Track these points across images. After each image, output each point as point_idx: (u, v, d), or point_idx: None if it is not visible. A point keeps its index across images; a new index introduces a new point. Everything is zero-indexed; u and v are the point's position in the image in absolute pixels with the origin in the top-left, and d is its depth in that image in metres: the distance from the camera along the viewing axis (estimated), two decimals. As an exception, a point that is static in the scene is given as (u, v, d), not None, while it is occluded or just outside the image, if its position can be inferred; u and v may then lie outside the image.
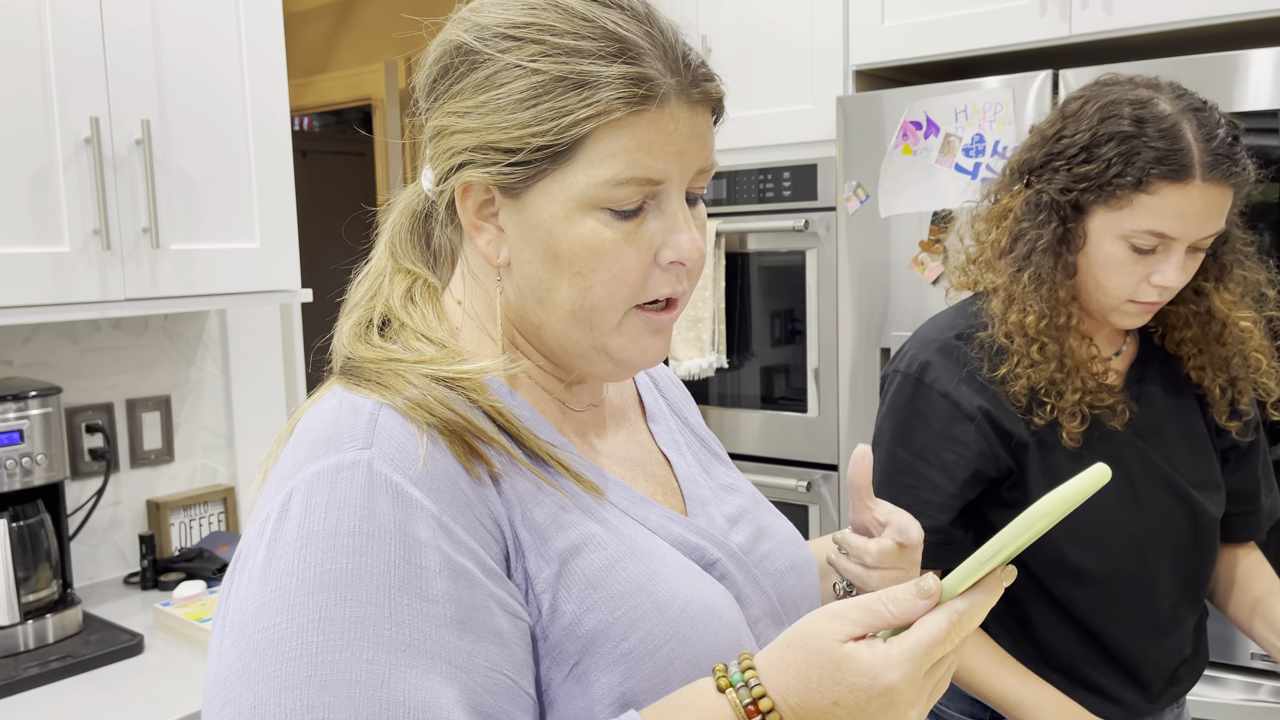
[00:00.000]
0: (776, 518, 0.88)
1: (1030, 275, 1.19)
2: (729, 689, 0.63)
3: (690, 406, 0.98)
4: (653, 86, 0.66)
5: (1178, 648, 1.28)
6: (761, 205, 2.45)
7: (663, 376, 0.98)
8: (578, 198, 0.68)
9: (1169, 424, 1.27)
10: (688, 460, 0.87)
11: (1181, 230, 1.12)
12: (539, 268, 0.70)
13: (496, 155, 0.68)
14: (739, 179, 2.49)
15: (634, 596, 0.68)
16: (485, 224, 0.72)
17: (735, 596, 0.76)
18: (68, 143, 1.56)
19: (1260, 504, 1.36)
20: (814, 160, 2.37)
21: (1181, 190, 1.10)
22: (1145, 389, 1.28)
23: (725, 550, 0.78)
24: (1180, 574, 1.27)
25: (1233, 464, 1.33)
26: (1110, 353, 1.29)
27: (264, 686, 0.58)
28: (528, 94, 0.67)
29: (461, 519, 0.64)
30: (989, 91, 2.03)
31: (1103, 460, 1.22)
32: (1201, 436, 1.29)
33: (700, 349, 2.51)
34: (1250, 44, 1.83)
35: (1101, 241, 1.16)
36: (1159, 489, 1.24)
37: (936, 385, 1.23)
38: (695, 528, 0.78)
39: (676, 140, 0.68)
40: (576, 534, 0.69)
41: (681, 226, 0.70)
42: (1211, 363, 1.27)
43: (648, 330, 0.73)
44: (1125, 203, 1.13)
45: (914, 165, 2.14)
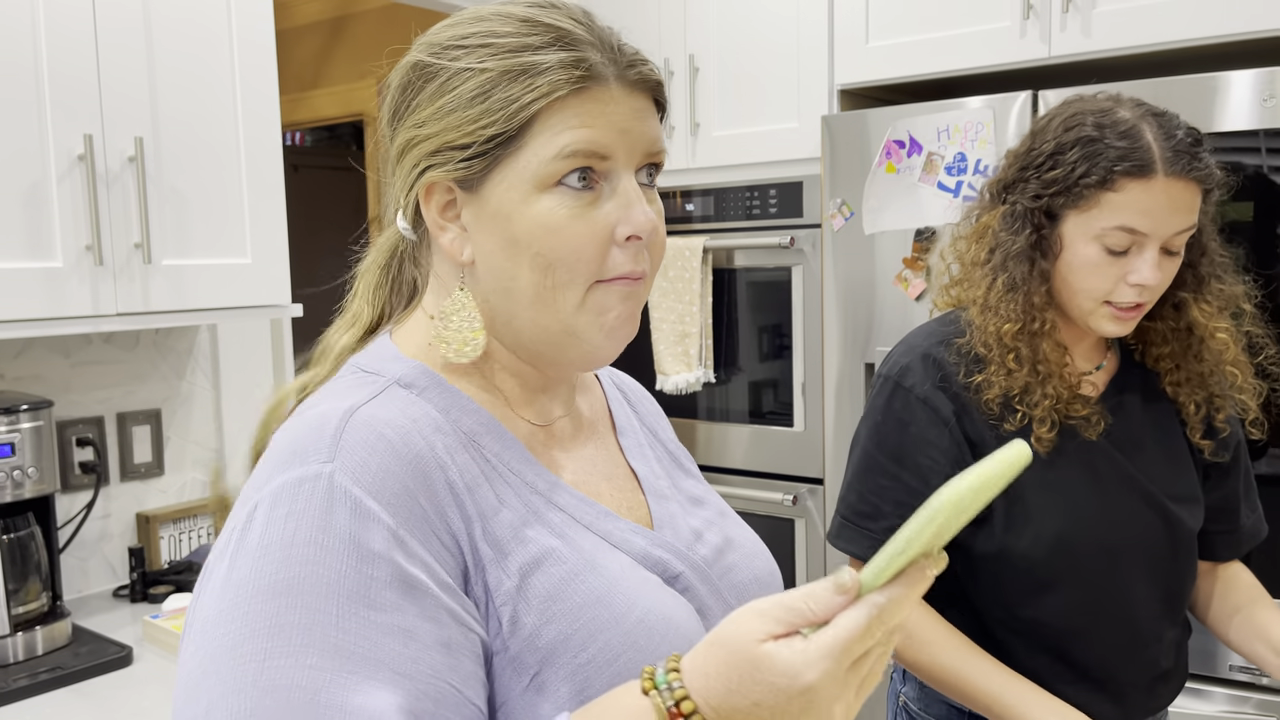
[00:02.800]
0: (742, 530, 0.90)
1: (1004, 281, 1.22)
2: (653, 691, 0.63)
3: (663, 422, 0.99)
4: (591, 67, 0.71)
5: (1154, 661, 1.29)
6: (748, 222, 2.48)
7: (634, 390, 0.99)
8: (531, 178, 0.71)
9: (1148, 437, 1.29)
10: (655, 473, 0.88)
11: (1151, 225, 1.15)
12: (501, 256, 0.73)
13: (453, 153, 0.72)
14: (726, 196, 2.51)
15: (592, 608, 0.70)
16: (449, 224, 0.75)
17: (697, 609, 0.77)
18: (61, 159, 1.58)
19: (1239, 523, 1.37)
20: (799, 178, 2.40)
21: (1145, 185, 1.14)
22: (1125, 402, 1.29)
23: (689, 563, 0.79)
24: (1158, 586, 1.27)
25: (1214, 480, 1.34)
26: (1090, 367, 1.30)
27: (216, 691, 0.61)
28: (478, 91, 0.71)
29: (418, 533, 0.66)
30: (970, 111, 2.06)
31: (1077, 470, 1.25)
32: (1181, 451, 1.31)
33: (688, 364, 2.53)
34: (1227, 65, 1.87)
35: (1076, 244, 1.19)
36: (1135, 500, 1.26)
37: (915, 390, 1.25)
38: (659, 541, 0.79)
39: (618, 117, 0.72)
40: (537, 548, 0.71)
41: (635, 202, 0.73)
42: (1188, 379, 1.28)
43: (613, 300, 0.74)
44: (1093, 203, 1.16)
45: (897, 183, 2.17)
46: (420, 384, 0.75)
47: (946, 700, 1.33)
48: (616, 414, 0.91)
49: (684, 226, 2.58)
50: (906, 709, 1.39)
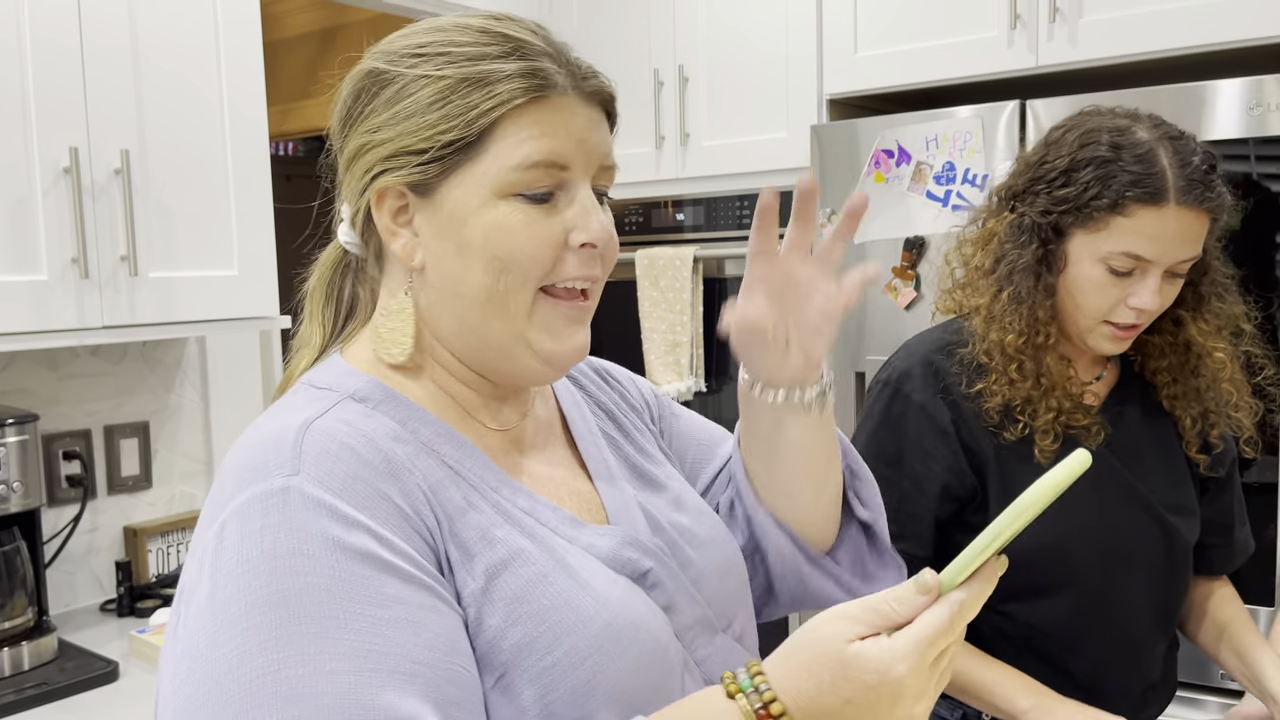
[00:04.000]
0: (704, 519, 0.88)
1: (1010, 294, 1.21)
2: (739, 694, 0.64)
3: (632, 393, 0.98)
4: (549, 77, 0.73)
5: (1146, 671, 1.29)
6: (739, 232, 2.48)
7: (594, 371, 0.97)
8: (490, 185, 0.72)
9: (1146, 448, 1.29)
10: (610, 464, 0.87)
11: (1156, 253, 1.15)
12: (453, 260, 0.74)
13: (409, 158, 0.73)
14: (716, 206, 2.52)
15: (559, 612, 0.69)
16: (401, 229, 0.76)
17: (666, 606, 0.77)
18: (46, 173, 1.58)
19: (1234, 537, 1.38)
20: (789, 187, 2.39)
21: (1156, 213, 1.13)
22: (1124, 412, 1.29)
23: (655, 557, 0.79)
24: (1153, 596, 1.28)
25: (1211, 494, 1.34)
26: (1090, 377, 1.31)
27: (228, 710, 0.59)
28: (435, 97, 0.72)
29: (398, 531, 0.66)
30: (959, 121, 2.06)
31: (1078, 479, 1.24)
32: (1179, 463, 1.31)
33: (679, 373, 2.53)
34: (1214, 74, 1.88)
35: (1080, 263, 1.19)
36: (1134, 509, 1.26)
37: (914, 396, 1.25)
38: (625, 538, 0.79)
39: (576, 128, 0.74)
40: (505, 550, 0.71)
41: (591, 210, 0.74)
42: (1185, 393, 1.28)
43: (561, 319, 0.75)
44: (1102, 225, 1.16)
45: (886, 193, 2.17)
46: (375, 398, 0.74)
47: (937, 712, 1.33)
48: (565, 404, 0.90)
49: (674, 236, 2.58)
50: None
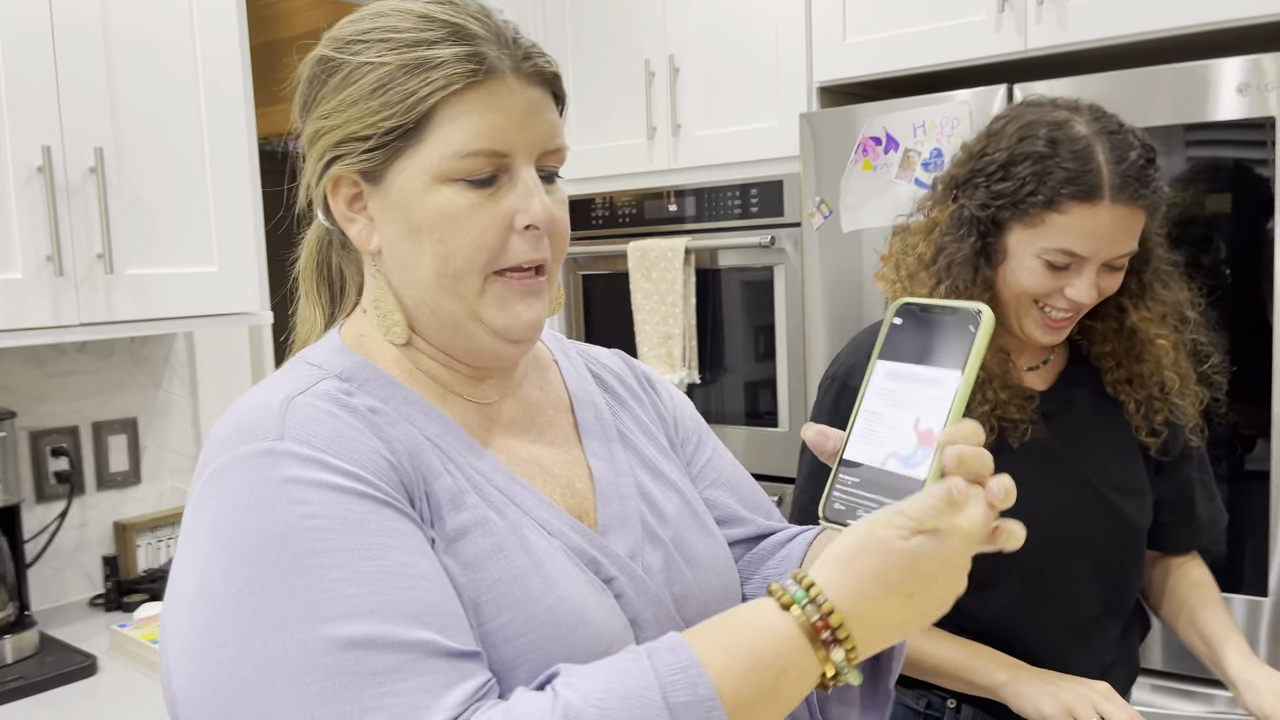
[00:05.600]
0: (708, 542, 0.87)
1: (948, 288, 1.22)
2: (794, 605, 0.65)
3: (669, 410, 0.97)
4: (486, 61, 0.73)
5: (1099, 655, 1.29)
6: (730, 222, 2.46)
7: (632, 376, 0.97)
8: (432, 170, 0.73)
9: (1094, 431, 1.29)
10: (619, 474, 0.86)
11: (1091, 249, 1.15)
12: (404, 243, 0.75)
13: (356, 145, 0.74)
14: (708, 197, 2.50)
15: (506, 585, 0.71)
16: (356, 216, 0.78)
17: (631, 618, 0.77)
18: (20, 171, 1.59)
19: (1196, 513, 1.36)
20: (780, 177, 2.37)
21: (1090, 210, 1.14)
22: (1074, 395, 1.30)
23: (626, 572, 0.78)
24: (1101, 580, 1.28)
25: (1166, 472, 1.34)
26: (1037, 361, 1.31)
27: (271, 639, 0.61)
28: (377, 84, 0.73)
29: (386, 479, 0.69)
30: (946, 106, 2.03)
31: (1019, 465, 1.23)
32: (1129, 443, 1.30)
33: (671, 365, 2.52)
34: (1203, 55, 1.83)
35: (1019, 256, 1.19)
36: (1078, 493, 1.26)
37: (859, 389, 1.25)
38: (597, 543, 0.79)
39: (516, 113, 0.74)
40: (471, 516, 0.73)
41: (534, 193, 0.75)
42: (1129, 378, 1.28)
43: (514, 295, 0.76)
44: (1038, 221, 1.16)
45: (874, 180, 2.14)
46: (360, 376, 0.77)
47: (903, 702, 1.34)
48: (581, 408, 0.89)
49: (666, 228, 2.56)
50: None
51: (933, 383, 0.63)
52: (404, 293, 0.78)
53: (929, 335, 0.64)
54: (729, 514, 0.94)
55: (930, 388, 0.63)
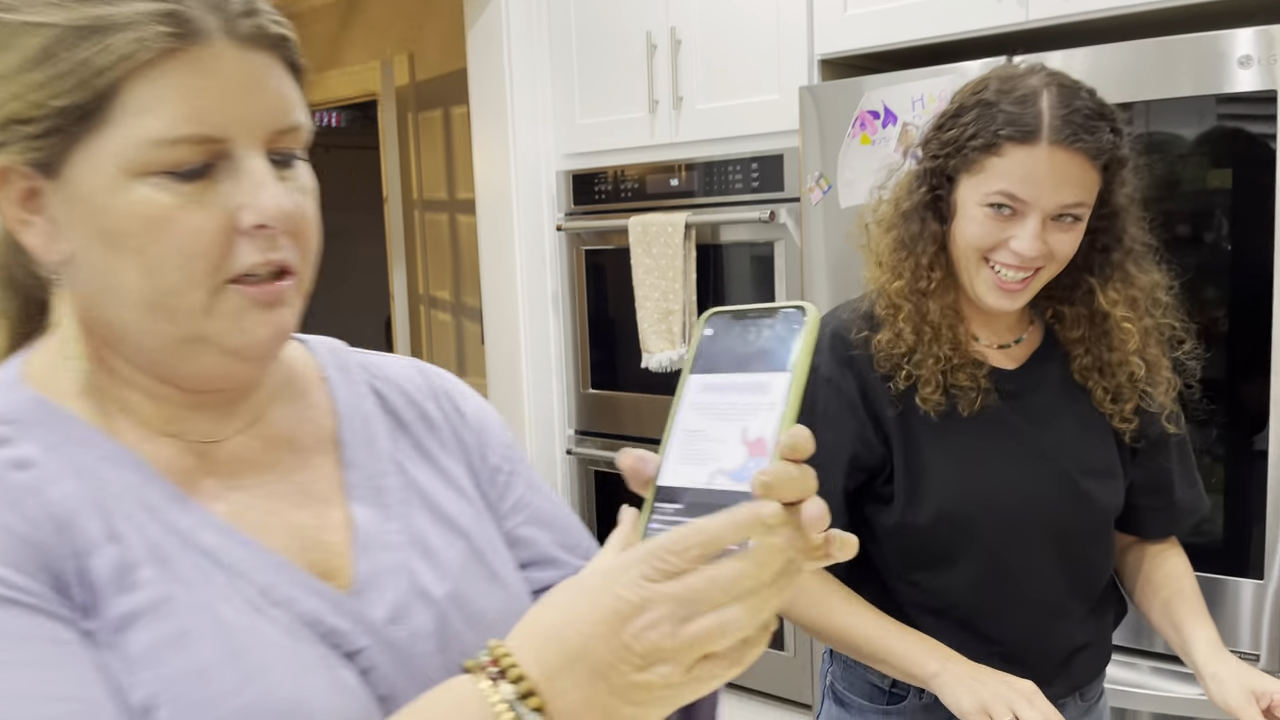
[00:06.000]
0: (498, 596, 0.72)
1: (894, 239, 1.22)
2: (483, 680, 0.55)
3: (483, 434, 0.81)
4: (184, 22, 0.57)
5: (1067, 636, 1.28)
6: (730, 197, 2.44)
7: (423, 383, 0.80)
8: (122, 163, 0.58)
9: (1064, 411, 1.27)
10: (388, 520, 0.70)
11: (1031, 194, 1.13)
12: (99, 252, 0.60)
13: (19, 128, 0.59)
14: (708, 171, 2.48)
15: (186, 682, 0.56)
16: (32, 217, 0.61)
17: (383, 694, 0.63)
18: None
19: (1174, 499, 1.33)
20: (780, 151, 2.35)
21: (1028, 152, 1.12)
22: (1044, 375, 1.28)
23: (380, 639, 0.64)
24: (1065, 562, 1.26)
25: (1142, 456, 1.31)
26: (1010, 339, 1.29)
27: None
28: (40, 51, 0.57)
29: (15, 563, 0.56)
30: (944, 79, 1.99)
31: (980, 444, 1.24)
32: (1101, 425, 1.28)
33: (671, 341, 2.51)
34: (1207, 26, 1.78)
35: (966, 207, 1.18)
36: (1041, 474, 1.24)
37: (821, 369, 1.25)
38: (343, 607, 0.64)
39: (230, 87, 0.59)
40: (145, 596, 0.58)
41: (263, 184, 0.59)
42: (1097, 366, 1.26)
43: (250, 307, 0.61)
44: (980, 167, 1.15)
45: (872, 155, 2.11)
46: (23, 418, 0.62)
47: (868, 679, 1.33)
48: (350, 438, 0.73)
49: (666, 203, 2.55)
50: (833, 689, 1.40)
51: (758, 389, 0.56)
52: (107, 312, 0.62)
53: (748, 342, 0.58)
54: (541, 555, 0.79)
55: (755, 395, 0.56)
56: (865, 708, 1.34)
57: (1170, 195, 1.72)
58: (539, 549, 0.79)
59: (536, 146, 2.76)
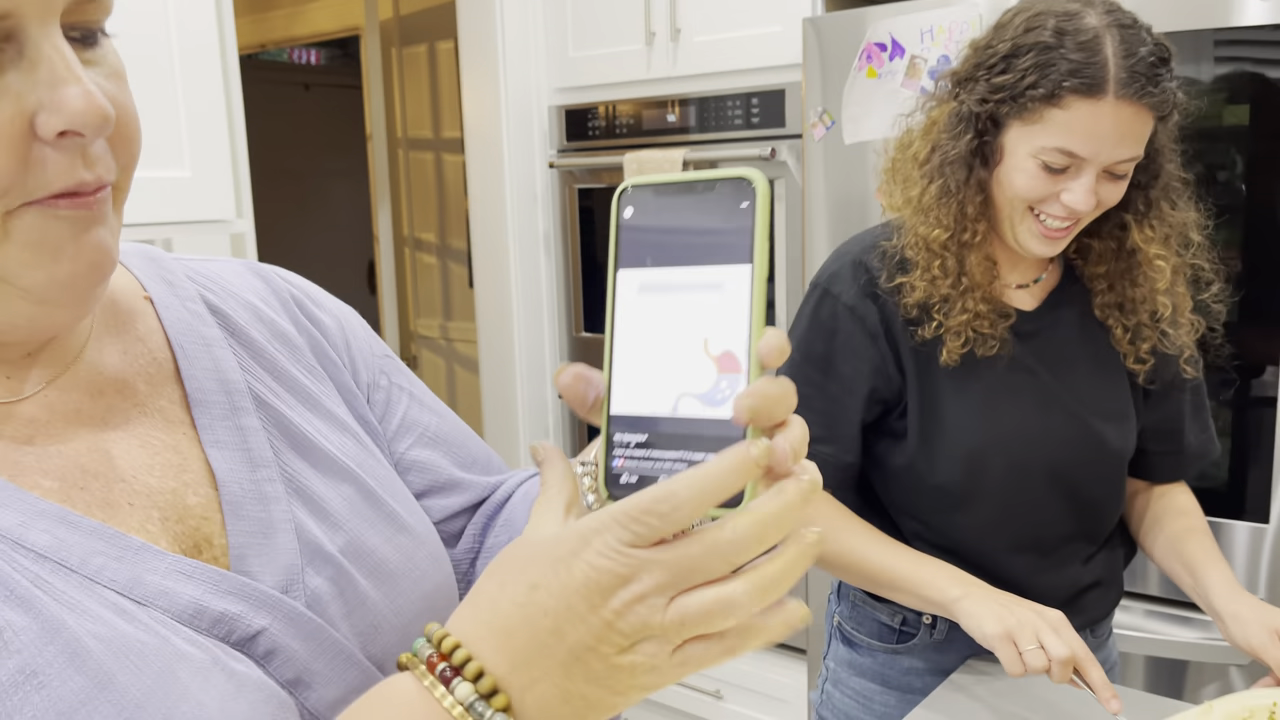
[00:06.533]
0: (400, 541, 0.61)
1: (940, 187, 1.16)
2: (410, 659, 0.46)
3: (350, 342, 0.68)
4: None
5: (1073, 579, 1.27)
6: (729, 133, 2.37)
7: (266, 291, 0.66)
8: None
9: (1080, 353, 1.24)
10: (258, 467, 0.57)
11: (1092, 150, 1.08)
12: None
13: None
14: (707, 106, 2.40)
15: None
16: None
17: (293, 680, 0.52)
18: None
19: (1184, 443, 1.31)
20: (782, 85, 2.28)
21: (1093, 106, 1.07)
22: (1061, 316, 1.25)
23: (281, 615, 0.53)
24: (1076, 503, 1.25)
25: (1154, 399, 1.29)
26: (1029, 279, 1.26)
27: None
28: None
29: None
30: (955, 10, 1.92)
31: (995, 386, 1.22)
32: (1116, 367, 1.25)
33: (666, 282, 2.46)
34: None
35: (1015, 156, 1.13)
36: (1055, 417, 1.22)
37: (842, 297, 1.22)
38: (230, 584, 0.52)
39: None
40: None
41: (65, 76, 0.45)
42: (1119, 303, 1.23)
43: (59, 230, 0.47)
44: (1037, 116, 1.10)
45: (878, 89, 2.05)
46: None
47: (878, 618, 1.32)
48: (192, 369, 0.58)
49: (663, 139, 2.48)
50: (841, 629, 1.38)
51: (710, 287, 0.47)
52: None
53: (685, 226, 0.47)
54: (441, 479, 0.69)
55: (709, 295, 0.46)
56: (875, 647, 1.33)
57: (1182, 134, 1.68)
58: (437, 472, 0.69)
59: (527, 81, 2.68)
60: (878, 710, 1.33)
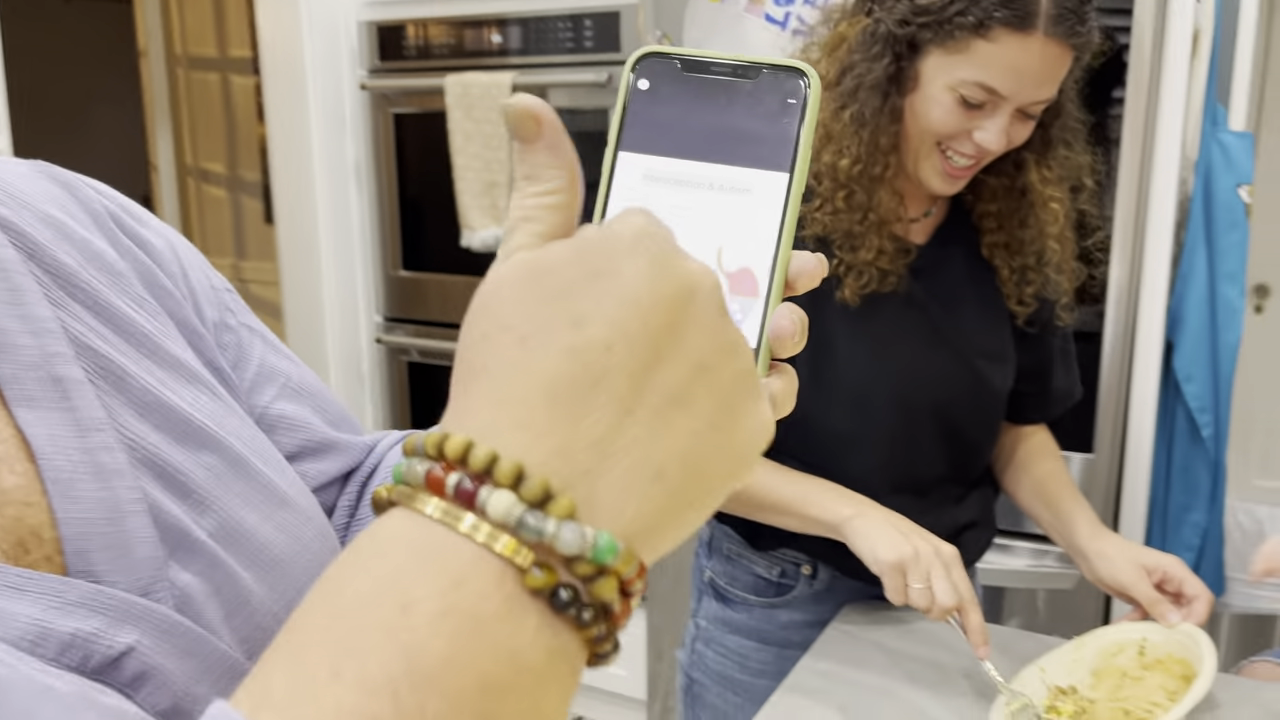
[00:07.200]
0: (283, 517, 0.47)
1: (853, 114, 1.08)
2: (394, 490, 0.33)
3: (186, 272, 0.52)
4: None
5: (950, 519, 1.24)
6: (562, 57, 2.22)
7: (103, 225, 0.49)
8: None
9: (966, 291, 1.20)
10: (87, 431, 0.41)
11: (1013, 88, 1.03)
12: None
13: None
14: (537, 27, 2.24)
15: None
16: None
17: (168, 708, 0.39)
18: None
19: (1051, 385, 1.30)
20: (617, 6, 2.14)
21: (1021, 42, 1.01)
22: (948, 253, 1.20)
23: (146, 626, 0.39)
24: (954, 444, 1.22)
25: (1029, 341, 1.26)
26: (919, 213, 1.20)
27: None
28: None
29: None
30: (803, -70, 1.84)
31: (885, 324, 1.15)
32: (999, 308, 1.22)
33: (495, 217, 2.29)
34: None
35: (931, 86, 1.06)
36: (942, 356, 1.19)
37: None
38: (78, 592, 0.38)
39: None
40: None
41: None
42: (1007, 243, 1.19)
43: None
44: (961, 46, 1.03)
45: (721, 14, 1.95)
46: None
47: (754, 571, 1.26)
48: None
49: (489, 61, 2.29)
50: (713, 584, 1.30)
51: (734, 190, 0.39)
52: None
53: (711, 113, 0.39)
54: (315, 440, 0.55)
55: (731, 199, 0.39)
56: (751, 602, 1.26)
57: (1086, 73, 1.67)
58: (309, 430, 0.55)
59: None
60: (754, 668, 1.27)
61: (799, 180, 0.38)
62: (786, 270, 0.39)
